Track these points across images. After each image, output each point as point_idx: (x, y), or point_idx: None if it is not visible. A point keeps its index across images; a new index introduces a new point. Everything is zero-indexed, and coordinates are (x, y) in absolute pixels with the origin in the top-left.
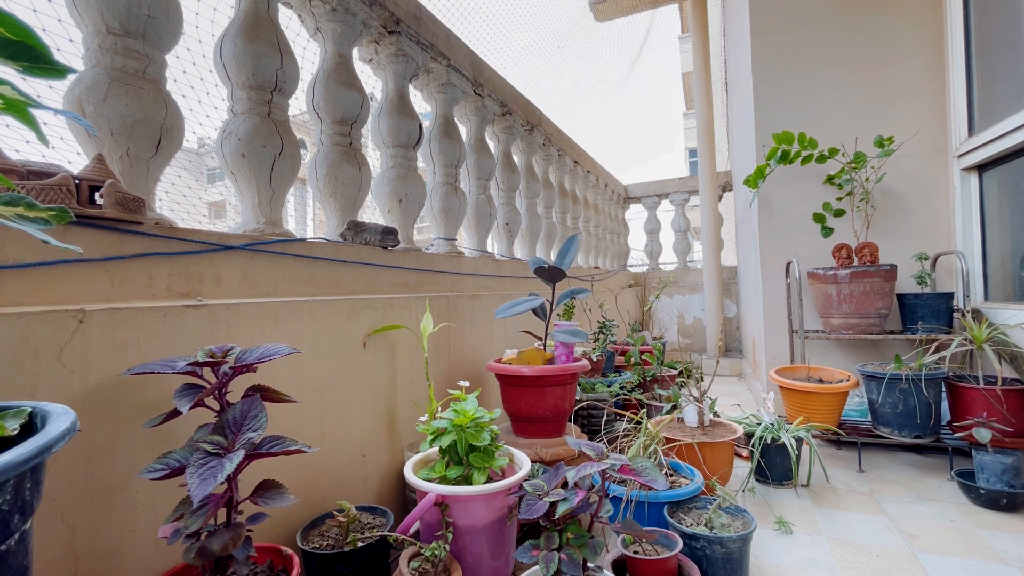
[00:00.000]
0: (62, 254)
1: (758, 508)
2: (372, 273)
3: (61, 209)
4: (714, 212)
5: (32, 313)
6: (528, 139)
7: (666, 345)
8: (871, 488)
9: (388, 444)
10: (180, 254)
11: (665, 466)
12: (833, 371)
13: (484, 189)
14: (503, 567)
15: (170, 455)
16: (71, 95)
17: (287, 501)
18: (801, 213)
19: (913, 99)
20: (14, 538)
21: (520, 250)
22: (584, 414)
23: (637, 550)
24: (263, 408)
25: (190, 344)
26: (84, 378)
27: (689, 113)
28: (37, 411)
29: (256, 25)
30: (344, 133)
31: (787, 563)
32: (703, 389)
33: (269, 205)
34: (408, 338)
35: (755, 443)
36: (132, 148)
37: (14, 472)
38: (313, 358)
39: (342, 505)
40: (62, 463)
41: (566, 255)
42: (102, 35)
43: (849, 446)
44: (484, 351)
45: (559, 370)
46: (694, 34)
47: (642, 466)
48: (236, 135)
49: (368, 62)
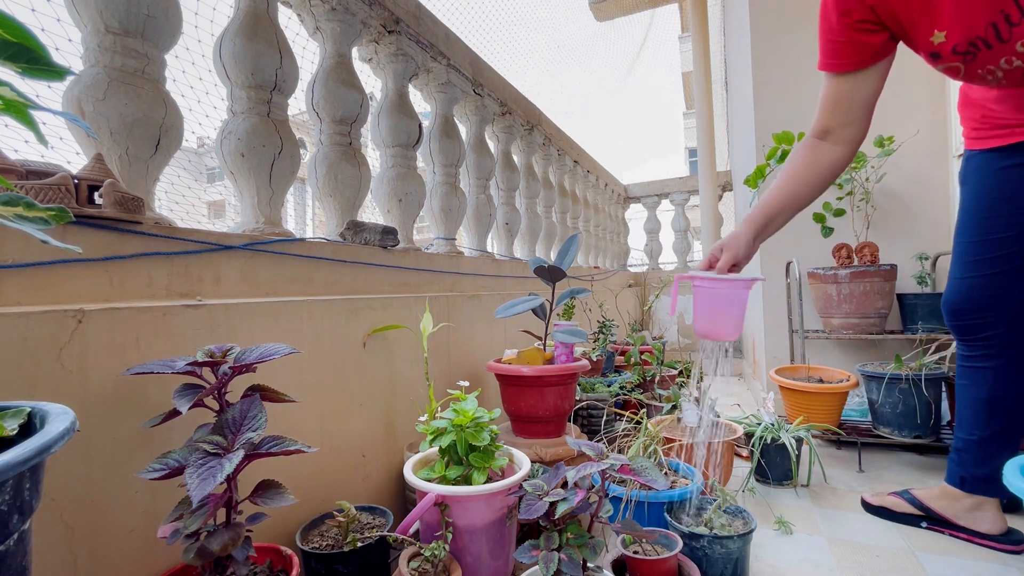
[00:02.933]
0: (61, 254)
1: (758, 508)
2: (372, 273)
3: (60, 209)
4: (714, 212)
5: (31, 313)
6: (528, 139)
7: (666, 345)
8: (871, 488)
9: (388, 444)
10: (179, 254)
11: (665, 466)
12: (833, 371)
13: (484, 189)
14: (503, 567)
15: (169, 455)
16: (70, 94)
17: (287, 501)
18: (801, 213)
19: (913, 99)
20: (13, 538)
21: (520, 250)
22: (584, 414)
23: (637, 550)
24: (263, 408)
25: (189, 344)
26: (83, 378)
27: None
28: (36, 411)
29: (255, 24)
30: (344, 133)
31: (787, 563)
32: (703, 389)
33: (268, 205)
34: (408, 338)
35: (755, 443)
36: (131, 147)
37: (13, 472)
38: (313, 358)
39: (342, 505)
40: (61, 463)
41: (566, 255)
42: (101, 34)
43: (849, 446)
44: (484, 351)
45: (559, 370)
46: (694, 34)
47: (642, 466)
48: (235, 134)
49: (368, 61)
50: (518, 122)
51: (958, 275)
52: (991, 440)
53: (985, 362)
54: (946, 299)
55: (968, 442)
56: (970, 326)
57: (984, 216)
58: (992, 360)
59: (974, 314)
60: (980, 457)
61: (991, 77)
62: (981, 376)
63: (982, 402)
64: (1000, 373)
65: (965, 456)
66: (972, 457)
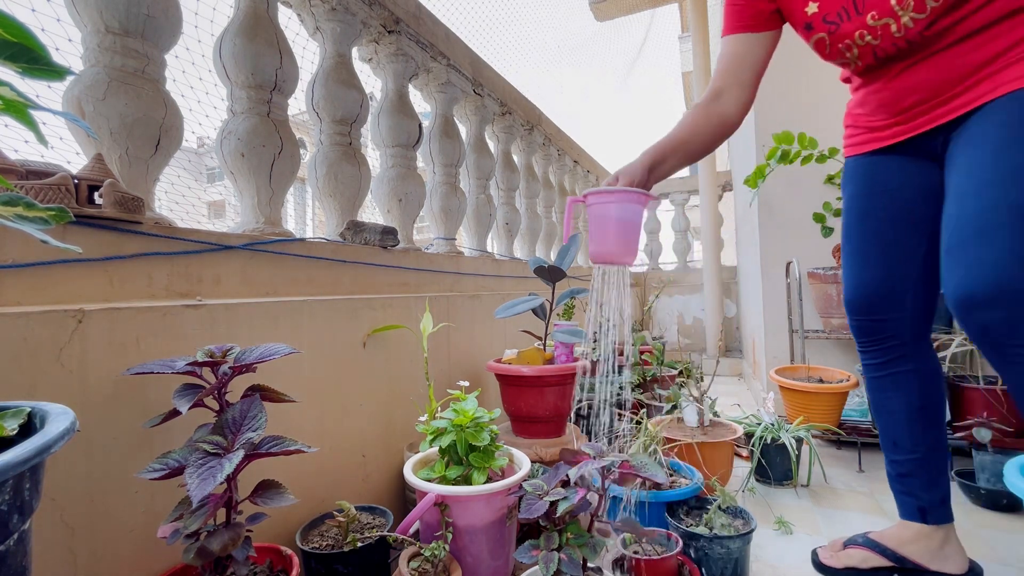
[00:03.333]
0: (61, 254)
1: (758, 508)
2: (372, 273)
3: (60, 209)
4: (714, 212)
5: (31, 313)
6: (528, 139)
7: (666, 345)
8: (871, 488)
9: (387, 444)
10: (179, 254)
11: (665, 466)
12: (833, 371)
13: (484, 189)
14: (503, 567)
15: (169, 455)
16: (70, 94)
17: (287, 501)
18: (801, 213)
19: None
20: (13, 538)
21: (520, 250)
22: (584, 414)
23: (637, 550)
24: (262, 408)
25: (189, 344)
26: (83, 378)
27: None
28: (36, 411)
29: (255, 24)
30: (344, 133)
31: (787, 563)
32: (703, 389)
33: (268, 205)
34: (408, 338)
35: (755, 443)
36: (131, 147)
37: (13, 472)
38: (313, 358)
39: (342, 505)
40: (61, 463)
41: (566, 255)
42: (101, 34)
43: (849, 446)
44: (484, 351)
45: (559, 370)
46: (694, 34)
47: (642, 462)
48: (235, 135)
49: (368, 61)
50: (518, 122)
51: (852, 274)
52: (935, 452)
53: (902, 365)
54: (848, 298)
55: (912, 462)
56: (873, 324)
57: (864, 213)
58: (909, 362)
59: (876, 310)
60: (930, 477)
61: (849, 54)
62: (905, 381)
63: (917, 411)
64: (921, 375)
65: (913, 481)
66: (921, 481)
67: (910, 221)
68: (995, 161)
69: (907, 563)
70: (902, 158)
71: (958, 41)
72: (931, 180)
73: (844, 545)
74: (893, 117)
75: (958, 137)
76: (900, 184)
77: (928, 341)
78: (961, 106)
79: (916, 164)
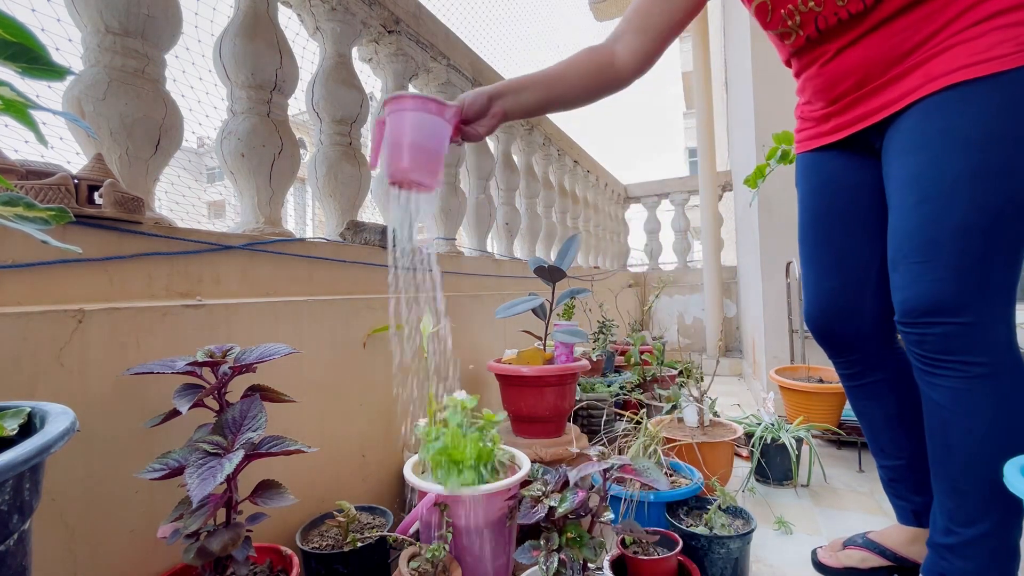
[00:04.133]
0: (61, 254)
1: (758, 508)
2: (372, 273)
3: (60, 209)
4: (714, 212)
5: (31, 313)
6: (528, 139)
7: (666, 345)
8: (871, 488)
9: (388, 444)
10: (179, 254)
11: (665, 466)
12: (833, 371)
13: (484, 189)
14: (503, 567)
15: (169, 455)
16: (70, 94)
17: (287, 501)
18: None
19: None
20: (13, 538)
21: (520, 250)
22: (584, 414)
23: (637, 550)
24: (262, 408)
25: (189, 344)
26: (83, 378)
27: (689, 113)
28: (36, 411)
29: (255, 24)
30: (344, 133)
31: (787, 563)
32: (703, 389)
33: (268, 205)
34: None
35: (755, 443)
36: (131, 147)
37: (13, 472)
38: (313, 358)
39: (341, 505)
40: (61, 463)
41: (566, 255)
42: (101, 34)
43: (849, 446)
44: (484, 351)
45: (559, 370)
46: (694, 34)
47: (644, 466)
48: (235, 135)
49: (368, 61)
50: (518, 122)
51: (809, 284)
52: (921, 457)
53: (871, 375)
54: (806, 312)
55: (899, 468)
56: (835, 338)
57: (816, 216)
58: (877, 372)
59: (835, 324)
60: (919, 481)
61: (791, 22)
62: (877, 391)
63: (895, 418)
64: (892, 383)
65: (901, 487)
66: (910, 485)
67: (863, 223)
68: (933, 172)
69: (906, 563)
70: (848, 155)
71: (894, 15)
72: (879, 178)
73: (844, 545)
74: (829, 106)
75: (893, 136)
76: (851, 183)
77: (896, 347)
78: (892, 102)
79: (862, 160)
